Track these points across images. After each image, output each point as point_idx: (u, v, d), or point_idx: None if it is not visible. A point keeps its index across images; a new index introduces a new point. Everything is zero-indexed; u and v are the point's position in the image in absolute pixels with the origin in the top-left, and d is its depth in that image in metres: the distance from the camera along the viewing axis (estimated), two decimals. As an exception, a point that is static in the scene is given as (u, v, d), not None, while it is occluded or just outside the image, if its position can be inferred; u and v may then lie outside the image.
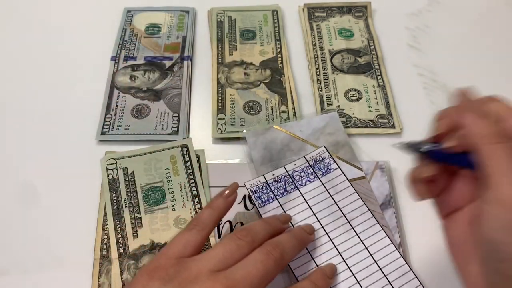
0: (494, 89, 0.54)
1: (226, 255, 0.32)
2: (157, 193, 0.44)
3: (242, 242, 0.33)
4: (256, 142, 0.47)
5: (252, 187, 0.44)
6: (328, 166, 0.45)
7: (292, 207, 0.42)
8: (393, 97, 0.52)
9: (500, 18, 0.62)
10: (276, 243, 0.34)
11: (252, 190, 0.43)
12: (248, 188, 0.43)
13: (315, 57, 0.56)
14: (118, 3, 0.62)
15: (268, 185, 0.44)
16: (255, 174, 0.45)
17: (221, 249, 0.32)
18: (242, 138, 0.48)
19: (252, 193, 0.43)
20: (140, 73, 0.54)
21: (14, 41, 0.58)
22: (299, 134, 0.48)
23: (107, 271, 0.40)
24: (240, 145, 0.48)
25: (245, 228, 0.34)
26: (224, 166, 0.47)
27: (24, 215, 0.44)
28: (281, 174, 0.44)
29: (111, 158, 0.46)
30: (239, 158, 0.48)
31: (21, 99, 0.52)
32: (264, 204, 0.43)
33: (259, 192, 0.43)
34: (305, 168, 0.45)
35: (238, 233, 0.34)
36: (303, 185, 0.44)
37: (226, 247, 0.32)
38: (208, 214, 0.35)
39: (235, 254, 0.32)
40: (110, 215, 0.43)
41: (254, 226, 0.35)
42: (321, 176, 0.44)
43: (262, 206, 0.42)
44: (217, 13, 0.60)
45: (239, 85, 0.53)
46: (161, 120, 0.50)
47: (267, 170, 0.45)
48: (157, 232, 0.42)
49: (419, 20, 0.62)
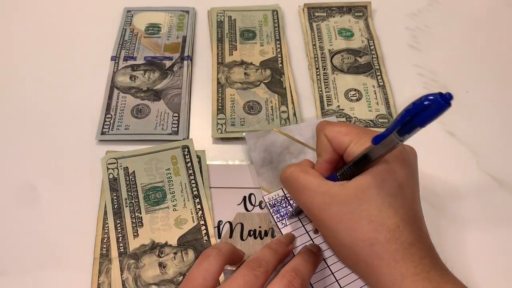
0: (494, 89, 0.54)
1: (247, 286, 0.32)
2: (157, 193, 0.44)
3: (257, 272, 0.33)
4: (256, 144, 0.47)
5: (271, 201, 0.43)
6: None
7: (311, 221, 0.42)
8: (393, 97, 0.52)
9: (500, 18, 0.62)
10: (295, 271, 0.34)
11: (271, 204, 0.43)
12: (267, 202, 0.43)
13: (315, 57, 0.56)
14: (118, 3, 0.62)
15: (287, 199, 0.44)
16: (255, 176, 0.45)
17: (241, 280, 0.32)
18: (242, 138, 0.48)
19: (271, 206, 0.43)
20: (140, 73, 0.54)
21: (14, 41, 0.58)
22: (298, 138, 0.48)
23: (107, 270, 0.40)
24: (240, 145, 0.49)
25: (256, 258, 0.35)
26: (224, 167, 0.47)
27: (24, 215, 0.44)
28: None
29: (112, 158, 0.46)
30: (239, 159, 0.48)
31: (21, 99, 0.52)
32: (282, 218, 0.42)
33: (278, 206, 0.43)
34: None
35: (251, 263, 0.34)
36: None
37: (245, 278, 0.33)
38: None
39: (255, 285, 0.32)
40: (111, 214, 0.43)
41: (264, 256, 0.35)
42: None
43: (280, 220, 0.42)
44: (217, 13, 0.60)
45: (239, 85, 0.53)
46: (161, 120, 0.50)
47: (267, 172, 0.45)
48: (158, 232, 0.42)
49: (419, 20, 0.62)
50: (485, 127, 0.51)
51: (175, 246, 0.41)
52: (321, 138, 0.38)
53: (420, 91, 0.54)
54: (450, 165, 0.47)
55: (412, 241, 0.32)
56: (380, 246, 0.32)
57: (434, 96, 0.26)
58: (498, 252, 0.42)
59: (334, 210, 0.33)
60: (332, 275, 0.39)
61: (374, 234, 0.32)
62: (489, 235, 0.43)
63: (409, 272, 0.31)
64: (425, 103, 0.26)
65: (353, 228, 0.33)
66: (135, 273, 0.39)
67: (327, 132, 0.37)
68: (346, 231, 0.33)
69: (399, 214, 0.32)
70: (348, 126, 0.37)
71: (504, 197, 0.46)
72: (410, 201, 0.34)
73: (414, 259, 0.32)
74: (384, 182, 0.33)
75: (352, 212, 0.33)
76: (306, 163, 0.39)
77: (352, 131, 0.36)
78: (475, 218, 0.44)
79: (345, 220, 0.33)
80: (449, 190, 0.44)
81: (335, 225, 0.33)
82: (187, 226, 0.42)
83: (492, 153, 0.49)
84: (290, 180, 0.37)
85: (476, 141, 0.50)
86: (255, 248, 0.41)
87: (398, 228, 0.32)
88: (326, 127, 0.38)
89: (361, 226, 0.32)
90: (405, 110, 0.27)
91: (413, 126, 0.27)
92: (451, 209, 0.38)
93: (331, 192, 0.34)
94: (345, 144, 0.36)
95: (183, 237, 0.42)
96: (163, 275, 0.39)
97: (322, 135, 0.38)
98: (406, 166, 0.34)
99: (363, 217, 0.32)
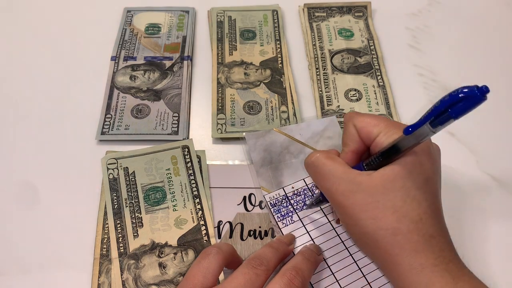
0: (494, 89, 0.54)
1: (248, 284, 0.32)
2: (157, 193, 0.44)
3: (258, 270, 0.33)
4: (256, 144, 0.47)
5: (272, 200, 0.43)
6: None
7: (312, 221, 0.42)
8: (393, 97, 0.52)
9: (500, 18, 0.62)
10: (296, 270, 0.34)
11: (272, 203, 0.43)
12: (268, 201, 0.43)
13: (315, 57, 0.56)
14: (118, 3, 0.62)
15: (288, 199, 0.43)
16: (255, 176, 0.45)
17: (241, 279, 0.33)
18: (242, 138, 0.48)
19: (272, 206, 0.43)
20: (140, 73, 0.54)
21: (14, 41, 0.58)
22: (298, 137, 0.48)
23: (107, 271, 0.40)
24: (240, 145, 0.49)
25: (258, 256, 0.35)
26: (224, 167, 0.47)
27: (24, 215, 0.44)
28: (301, 187, 0.44)
29: (112, 158, 0.46)
30: (239, 159, 0.48)
31: (21, 99, 0.52)
32: (283, 217, 0.42)
33: (279, 206, 0.43)
34: None
35: (252, 262, 0.34)
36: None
37: (246, 276, 0.33)
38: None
39: (256, 283, 0.33)
40: (111, 214, 0.43)
41: (265, 254, 0.35)
42: None
43: (281, 219, 0.42)
44: (217, 13, 0.60)
45: (239, 85, 0.53)
46: (161, 120, 0.50)
47: (267, 172, 0.45)
48: (158, 232, 0.42)
49: (419, 20, 0.62)
50: (485, 127, 0.51)
51: (175, 246, 0.41)
52: (349, 128, 0.38)
53: (420, 91, 0.54)
54: (450, 165, 0.47)
55: (433, 234, 0.33)
56: (402, 236, 0.32)
57: (470, 88, 0.26)
58: (498, 252, 0.42)
59: (359, 198, 0.34)
60: (333, 275, 0.39)
61: (397, 224, 0.33)
62: (489, 235, 0.43)
63: (428, 262, 0.32)
64: (460, 95, 0.26)
65: (377, 217, 0.33)
66: (135, 274, 0.39)
67: (356, 122, 0.37)
68: (369, 219, 0.33)
69: (422, 207, 0.33)
70: (377, 118, 0.37)
71: (504, 197, 0.46)
72: (433, 195, 0.34)
73: (434, 250, 0.32)
74: (411, 174, 0.33)
75: (377, 201, 0.33)
76: (333, 151, 0.39)
77: (381, 122, 0.36)
78: (475, 218, 0.44)
79: (369, 209, 0.33)
80: (449, 190, 0.44)
81: (358, 214, 0.34)
82: (187, 226, 0.42)
83: (492, 153, 0.49)
84: (315, 165, 0.37)
85: (476, 141, 0.50)
86: (255, 248, 0.41)
87: (420, 220, 0.33)
88: (355, 117, 0.38)
89: (385, 216, 0.33)
90: (440, 101, 0.27)
91: (447, 117, 0.27)
92: (451, 209, 0.38)
93: (357, 180, 0.34)
94: (373, 135, 0.36)
95: (183, 237, 0.42)
96: (163, 275, 0.39)
97: (350, 125, 0.38)
98: (432, 161, 0.35)
99: (388, 207, 0.33)
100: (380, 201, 0.33)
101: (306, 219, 0.42)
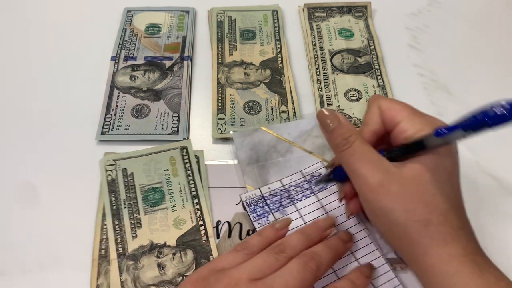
0: (494, 89, 0.54)
1: (265, 265, 0.33)
2: (156, 194, 0.44)
3: (280, 256, 0.34)
4: (243, 142, 0.47)
5: (248, 200, 0.43)
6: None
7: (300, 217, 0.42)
8: (393, 97, 0.52)
9: (500, 18, 0.62)
10: (313, 255, 0.34)
11: (248, 202, 0.43)
12: (244, 201, 0.43)
13: (315, 57, 0.56)
14: (118, 3, 0.62)
15: (264, 199, 0.43)
16: (241, 175, 0.45)
17: (259, 260, 0.34)
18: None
19: (248, 205, 0.43)
20: (140, 73, 0.54)
21: (14, 41, 0.58)
22: (286, 136, 0.48)
23: (105, 272, 0.40)
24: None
25: (283, 242, 0.36)
26: (223, 167, 0.47)
27: (24, 215, 0.44)
28: (277, 188, 0.44)
29: (110, 160, 0.46)
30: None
31: (21, 99, 0.52)
32: (259, 217, 0.42)
33: (254, 206, 0.43)
34: (302, 183, 0.44)
35: (276, 248, 0.35)
36: (299, 200, 0.43)
37: (265, 258, 0.34)
38: (257, 241, 0.36)
39: (274, 266, 0.33)
40: (109, 215, 0.42)
41: (292, 240, 0.36)
42: (317, 192, 0.44)
43: (257, 219, 0.42)
44: (217, 13, 0.60)
45: (239, 85, 0.53)
46: (161, 120, 0.50)
47: (253, 170, 0.45)
48: (157, 233, 0.42)
49: (419, 20, 0.62)
50: (485, 127, 0.51)
51: (174, 247, 0.41)
52: (373, 109, 0.38)
53: (420, 91, 0.54)
54: (450, 165, 0.47)
55: (461, 225, 0.34)
56: (433, 227, 0.33)
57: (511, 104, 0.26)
58: (498, 251, 0.42)
59: (394, 189, 0.34)
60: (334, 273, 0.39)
61: (429, 216, 0.33)
62: (488, 235, 0.43)
63: (457, 253, 0.33)
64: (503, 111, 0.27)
65: (409, 209, 0.34)
66: (134, 274, 0.39)
67: (382, 104, 0.38)
68: (401, 211, 0.34)
69: (449, 200, 0.34)
70: (402, 104, 0.38)
71: (504, 197, 0.46)
72: (457, 189, 0.36)
73: (462, 241, 0.33)
74: (438, 168, 0.34)
75: (411, 193, 0.34)
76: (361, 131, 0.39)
77: (406, 109, 0.37)
78: (475, 218, 0.44)
79: (402, 201, 0.34)
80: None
81: (391, 205, 0.34)
82: (186, 226, 0.42)
83: (492, 153, 0.49)
84: (353, 147, 0.36)
85: (476, 141, 0.49)
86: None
87: (449, 212, 0.34)
88: (381, 99, 0.38)
89: (418, 208, 0.33)
90: (481, 112, 0.28)
91: (483, 126, 0.28)
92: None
93: (392, 171, 0.34)
94: (397, 120, 0.36)
95: (182, 238, 0.42)
96: (162, 276, 0.39)
97: (375, 105, 0.38)
98: (453, 156, 0.36)
99: (420, 199, 0.34)
100: (413, 193, 0.34)
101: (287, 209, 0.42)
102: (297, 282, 0.32)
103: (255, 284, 0.32)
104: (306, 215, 0.42)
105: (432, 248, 0.33)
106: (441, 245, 0.33)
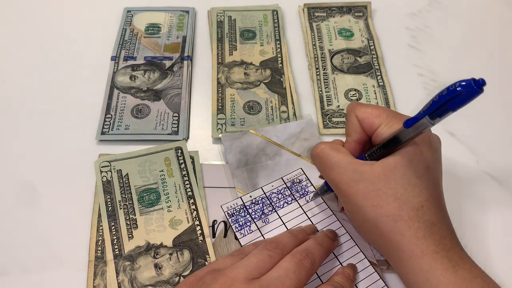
0: (494, 89, 0.54)
1: (260, 264, 0.33)
2: (151, 194, 0.44)
3: (273, 253, 0.34)
4: (232, 145, 0.47)
5: (229, 210, 0.43)
6: (305, 188, 0.44)
7: (270, 230, 0.42)
8: (393, 97, 0.52)
9: (500, 18, 0.62)
10: (306, 252, 0.35)
11: (229, 213, 0.43)
12: (225, 211, 0.43)
13: (315, 57, 0.56)
14: (118, 3, 0.62)
15: (246, 208, 0.43)
16: (231, 178, 0.45)
17: (254, 258, 0.34)
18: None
19: (229, 216, 0.42)
20: (140, 73, 0.54)
21: (14, 41, 0.58)
22: (275, 139, 0.48)
23: (102, 273, 0.40)
24: (240, 145, 0.49)
25: (275, 240, 0.36)
26: (218, 167, 0.47)
27: (24, 215, 0.44)
28: (259, 196, 0.44)
29: (105, 161, 0.46)
30: (238, 158, 0.48)
31: (21, 99, 0.53)
32: (241, 227, 0.42)
33: (236, 216, 0.42)
34: (283, 190, 0.44)
35: (268, 245, 0.35)
36: (281, 207, 0.43)
37: (259, 257, 0.34)
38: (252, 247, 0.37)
39: (268, 264, 0.33)
40: (105, 216, 0.42)
41: (282, 239, 0.36)
42: (298, 198, 0.44)
43: (239, 230, 0.42)
44: (217, 13, 0.60)
45: (239, 85, 0.53)
46: (161, 120, 0.50)
47: (242, 174, 0.45)
48: (153, 233, 0.42)
49: (419, 20, 0.62)
50: (485, 127, 0.51)
51: (171, 247, 0.41)
52: (351, 119, 0.39)
53: (420, 91, 0.54)
54: (450, 165, 0.47)
55: (434, 221, 0.34)
56: (403, 222, 0.33)
57: (467, 82, 0.27)
58: (498, 252, 0.42)
59: (361, 187, 0.34)
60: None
61: (398, 211, 0.33)
62: (488, 235, 0.43)
63: (429, 249, 0.33)
64: (458, 89, 0.27)
65: (378, 205, 0.34)
66: (131, 275, 0.39)
67: (358, 113, 0.38)
68: (371, 207, 0.34)
69: (423, 194, 0.34)
70: (378, 108, 0.38)
71: (504, 197, 0.46)
72: (434, 184, 0.35)
73: (435, 237, 0.33)
74: (412, 163, 0.34)
75: (379, 189, 0.34)
76: (337, 141, 0.39)
77: (383, 113, 0.37)
78: (475, 218, 0.44)
79: (371, 197, 0.34)
80: (449, 190, 0.44)
81: (361, 202, 0.34)
82: (182, 226, 0.42)
83: (492, 153, 0.49)
84: (320, 156, 0.37)
85: (476, 141, 0.50)
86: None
87: (422, 208, 0.33)
88: (357, 107, 0.38)
89: (387, 203, 0.34)
90: (438, 96, 0.28)
91: (446, 110, 0.28)
92: (450, 209, 0.38)
93: (360, 170, 0.35)
94: (375, 126, 0.37)
95: (178, 238, 0.42)
96: (159, 276, 0.39)
97: (352, 116, 0.38)
98: (432, 150, 0.35)
99: (389, 194, 0.34)
100: (382, 189, 0.34)
101: (264, 228, 0.42)
102: (294, 283, 0.32)
103: (251, 284, 0.32)
104: (289, 222, 0.42)
105: (404, 244, 0.33)
106: (412, 241, 0.33)
